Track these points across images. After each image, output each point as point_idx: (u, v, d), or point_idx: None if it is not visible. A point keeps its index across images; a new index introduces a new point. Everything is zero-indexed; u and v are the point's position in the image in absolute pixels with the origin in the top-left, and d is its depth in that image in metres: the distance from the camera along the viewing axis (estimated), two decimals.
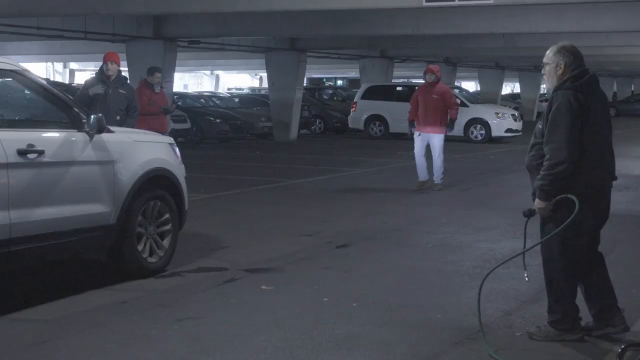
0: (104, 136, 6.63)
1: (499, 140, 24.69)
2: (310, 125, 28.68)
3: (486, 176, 15.42)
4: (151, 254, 7.09)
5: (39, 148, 6.02)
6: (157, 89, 12.04)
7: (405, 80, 41.57)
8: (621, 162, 6.71)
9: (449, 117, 12.94)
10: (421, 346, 5.22)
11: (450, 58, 32.90)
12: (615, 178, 5.26)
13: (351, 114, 26.80)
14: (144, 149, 7.11)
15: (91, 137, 6.51)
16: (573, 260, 5.20)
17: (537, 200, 5.11)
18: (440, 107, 12.73)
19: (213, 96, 31.81)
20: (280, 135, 24.59)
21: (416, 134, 12.93)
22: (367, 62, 29.62)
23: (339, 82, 56.45)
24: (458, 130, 24.73)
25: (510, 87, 64.96)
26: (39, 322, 5.72)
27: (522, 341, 5.35)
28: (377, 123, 26.12)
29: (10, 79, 6.50)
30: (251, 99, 31.49)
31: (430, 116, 12.72)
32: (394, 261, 7.78)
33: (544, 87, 47.71)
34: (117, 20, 19.85)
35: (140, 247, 6.94)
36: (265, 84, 27.94)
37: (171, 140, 7.82)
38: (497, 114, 25.11)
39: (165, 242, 7.24)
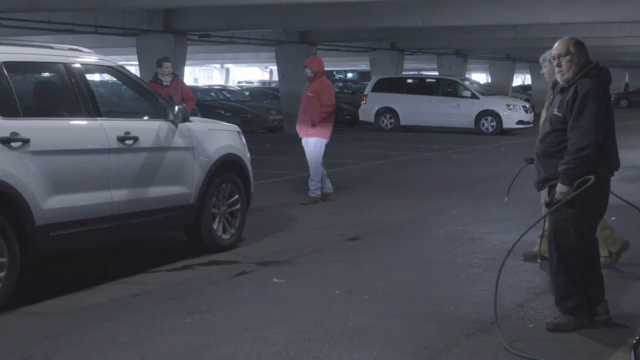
0: (186, 124, 7.35)
1: (510, 132, 24.62)
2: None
3: (497, 168, 15.37)
4: (224, 231, 7.81)
5: (134, 135, 6.73)
6: (167, 81, 11.44)
7: (416, 72, 41.48)
8: (632, 153, 6.68)
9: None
10: (433, 338, 5.22)
11: (461, 50, 32.79)
12: (617, 168, 5.41)
13: (362, 107, 26.76)
14: (218, 136, 7.83)
15: (176, 125, 7.23)
16: (584, 242, 5.29)
17: (559, 185, 5.15)
18: (314, 106, 10.68)
19: (223, 89, 31.81)
20: (291, 129, 24.49)
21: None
22: (377, 54, 29.56)
23: (349, 75, 56.37)
24: (469, 122, 24.77)
25: (521, 79, 64.72)
26: (52, 315, 5.75)
27: (536, 333, 5.34)
28: (388, 115, 26.07)
29: (107, 74, 7.37)
30: (261, 92, 31.49)
31: (301, 116, 10.92)
32: (406, 254, 7.77)
33: None
34: (128, 14, 19.86)
35: (215, 226, 7.64)
36: (275, 77, 27.94)
37: (238, 128, 8.39)
38: (508, 105, 25.03)
39: (236, 221, 7.90)
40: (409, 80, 27.91)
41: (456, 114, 24.93)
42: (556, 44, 5.34)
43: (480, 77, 56.72)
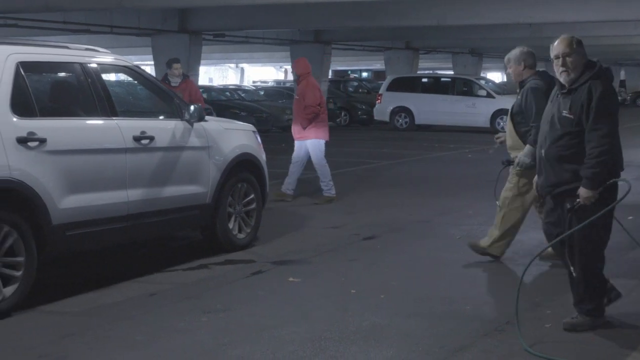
0: (201, 124, 7.36)
1: None
2: (336, 118, 28.62)
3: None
4: (239, 230, 7.81)
5: (150, 134, 6.74)
6: (176, 82, 11.19)
7: (431, 71, 41.40)
8: None
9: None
10: (449, 338, 5.20)
11: (476, 49, 32.70)
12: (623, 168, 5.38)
13: (376, 106, 26.74)
14: (233, 136, 7.84)
15: (191, 125, 7.24)
16: (604, 245, 5.28)
17: (584, 190, 5.04)
18: (301, 109, 10.52)
19: (238, 89, 31.86)
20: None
21: None
22: (392, 53, 29.53)
23: (364, 74, 56.31)
24: (484, 121, 24.68)
25: None
26: (69, 314, 5.77)
27: (552, 332, 5.31)
28: (403, 115, 26.04)
29: (123, 74, 7.41)
30: (276, 92, 31.50)
31: (294, 119, 10.85)
32: (421, 253, 7.76)
33: None
34: (143, 14, 19.94)
35: (230, 225, 7.65)
36: (290, 77, 27.93)
37: (253, 128, 8.38)
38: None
39: (251, 220, 7.92)
40: (424, 80, 27.84)
41: (471, 113, 24.84)
42: (557, 44, 5.20)
43: (496, 76, 56.52)
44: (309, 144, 10.66)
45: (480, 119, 24.70)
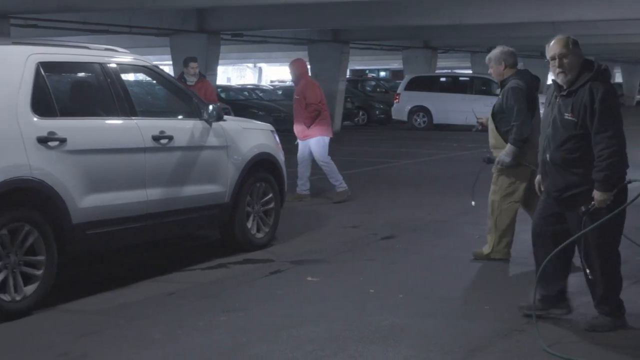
0: (220, 124, 7.38)
1: None
2: (354, 117, 28.62)
3: None
4: (258, 230, 7.84)
5: (169, 134, 6.76)
6: (192, 81, 11.14)
7: (449, 71, 41.26)
8: None
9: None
10: (468, 338, 5.18)
11: (494, 47, 32.53)
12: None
13: (394, 105, 26.69)
14: (251, 135, 7.85)
15: (210, 124, 7.24)
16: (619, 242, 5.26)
17: (599, 193, 4.99)
18: (302, 108, 10.61)
19: (256, 89, 31.91)
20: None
21: None
22: (410, 52, 29.45)
23: (382, 74, 56.25)
24: None
25: None
26: (88, 313, 5.80)
27: (572, 333, 5.28)
28: (421, 114, 25.97)
29: (142, 74, 7.46)
30: (294, 92, 31.46)
31: (295, 119, 10.88)
32: (440, 253, 7.73)
33: None
34: (161, 14, 20.01)
35: (249, 224, 7.67)
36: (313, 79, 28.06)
37: (272, 127, 8.41)
38: (542, 103, 24.75)
39: (270, 220, 7.94)
40: (442, 79, 27.76)
41: (490, 112, 24.70)
42: (553, 44, 5.15)
43: None
44: (313, 142, 10.70)
45: None
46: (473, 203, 7.38)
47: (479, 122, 7.61)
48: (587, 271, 5.21)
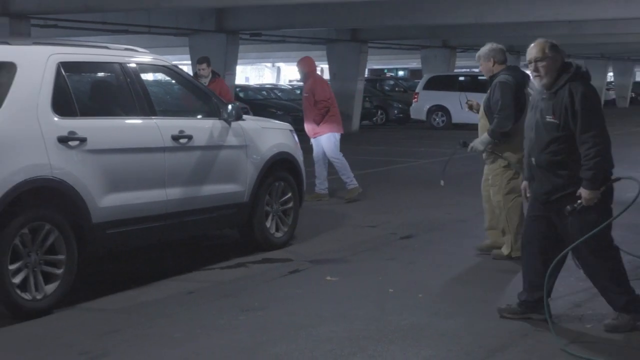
0: (239, 123, 7.39)
1: None
2: (372, 117, 28.59)
3: None
4: (277, 229, 7.84)
5: (188, 134, 6.78)
6: (204, 82, 10.81)
7: (468, 70, 41.10)
8: None
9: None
10: (488, 337, 5.16)
11: (514, 46, 32.38)
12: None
13: (413, 105, 26.63)
14: (270, 135, 7.86)
15: (229, 124, 7.25)
16: (610, 239, 5.27)
17: (586, 191, 5.03)
18: (312, 106, 10.57)
19: (275, 88, 31.96)
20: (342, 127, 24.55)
21: None
22: (428, 52, 29.37)
23: (400, 73, 56.13)
24: None
25: None
26: (109, 311, 5.83)
27: (594, 333, 5.24)
28: (440, 113, 25.91)
29: (162, 74, 7.47)
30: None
31: (305, 117, 10.82)
32: (459, 252, 7.70)
33: (610, 75, 46.63)
34: (180, 14, 20.07)
35: (267, 224, 7.69)
36: (326, 76, 28.05)
37: (290, 127, 8.43)
38: None
39: (289, 219, 7.95)
40: (461, 78, 27.63)
41: None
42: (530, 48, 5.23)
43: None
44: (324, 138, 10.71)
45: None
46: (442, 182, 7.51)
47: (468, 103, 7.70)
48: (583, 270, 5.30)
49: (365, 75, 28.87)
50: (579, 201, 5.06)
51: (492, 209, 7.40)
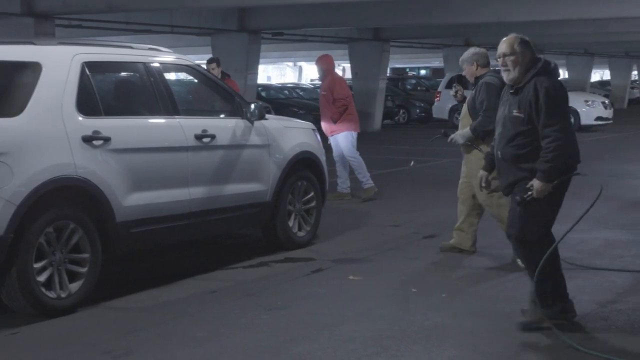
0: (262, 122, 7.40)
1: (588, 128, 24.06)
2: (394, 116, 28.51)
3: None
4: (299, 228, 7.85)
5: (211, 133, 6.80)
6: None
7: (491, 68, 40.91)
8: None
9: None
10: (513, 337, 5.12)
11: (537, 45, 32.06)
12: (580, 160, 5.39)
13: (435, 104, 26.54)
14: (293, 134, 7.87)
15: (252, 123, 7.26)
16: (549, 237, 5.31)
17: (539, 183, 5.08)
18: (330, 104, 10.60)
19: (296, 87, 31.98)
20: (364, 126, 24.50)
21: None
22: (451, 50, 29.27)
23: (422, 72, 55.98)
24: None
25: (599, 74, 63.23)
26: (132, 310, 5.85)
27: (619, 333, 5.19)
28: None
29: (185, 73, 7.53)
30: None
31: (322, 115, 10.81)
32: (483, 252, 7.65)
33: (635, 74, 46.21)
34: (203, 14, 20.13)
35: (290, 223, 7.69)
36: (348, 75, 28.01)
37: (313, 126, 8.44)
38: (586, 101, 24.45)
39: (311, 218, 7.95)
40: None
41: None
42: (500, 43, 5.29)
43: None
44: (341, 137, 10.71)
45: None
46: (412, 163, 7.56)
47: (457, 89, 7.78)
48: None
49: (387, 74, 28.79)
50: (529, 192, 5.12)
51: (468, 211, 7.49)
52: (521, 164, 5.20)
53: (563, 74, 51.77)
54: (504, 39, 5.31)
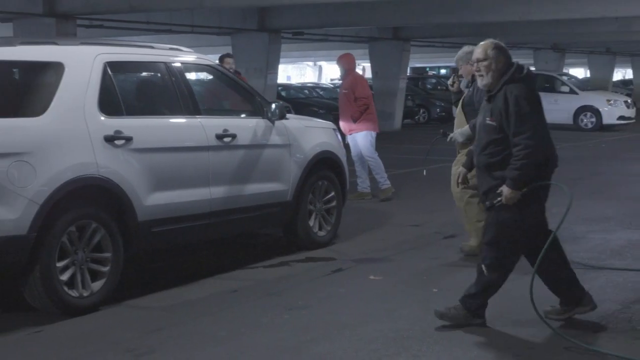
0: (282, 122, 7.40)
1: (610, 128, 23.90)
2: (414, 115, 28.43)
3: (598, 165, 14.94)
4: (320, 228, 7.83)
5: (232, 132, 6.80)
6: None
7: None
8: None
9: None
10: (536, 338, 5.10)
11: (559, 44, 32.01)
12: (557, 165, 5.36)
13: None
14: (314, 134, 7.86)
15: (273, 122, 7.26)
16: (528, 242, 5.29)
17: (507, 190, 5.06)
18: (350, 103, 10.59)
19: (316, 87, 31.96)
20: (384, 125, 24.45)
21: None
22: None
23: (443, 71, 55.76)
24: (567, 118, 24.15)
25: (621, 73, 62.74)
26: (154, 309, 5.87)
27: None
28: None
29: (206, 73, 7.61)
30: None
31: (342, 114, 10.84)
32: None
33: None
34: (223, 13, 20.17)
35: (311, 223, 7.69)
36: (368, 74, 27.98)
37: (334, 125, 8.44)
38: (608, 101, 24.29)
39: (332, 218, 7.95)
40: None
41: (554, 109, 24.24)
42: (475, 49, 5.30)
43: (578, 72, 55.30)
44: (360, 136, 10.69)
45: (562, 115, 24.16)
46: (425, 172, 7.53)
47: (454, 81, 7.92)
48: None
49: (407, 74, 28.72)
50: (498, 198, 5.11)
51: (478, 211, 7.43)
52: (494, 172, 5.19)
53: (585, 72, 51.45)
54: (479, 44, 5.31)
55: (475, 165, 5.40)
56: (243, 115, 7.46)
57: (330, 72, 58.69)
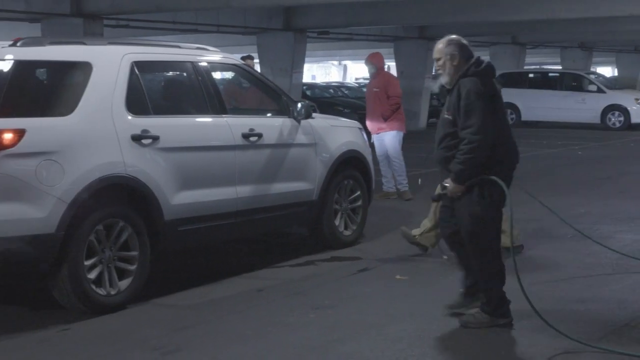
0: (308, 121, 7.39)
1: (638, 127, 23.66)
2: (439, 115, 28.29)
3: (626, 164, 14.80)
4: (345, 227, 7.83)
5: (258, 132, 6.81)
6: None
7: (538, 66, 40.44)
8: None
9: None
10: (562, 339, 5.04)
11: (586, 42, 31.73)
12: (518, 161, 5.37)
13: None
14: (339, 133, 7.85)
15: (299, 122, 7.26)
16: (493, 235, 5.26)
17: (453, 184, 5.12)
18: (382, 101, 10.54)
19: (341, 86, 31.91)
20: (409, 124, 24.28)
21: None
22: (497, 48, 28.97)
23: None
24: (594, 117, 23.96)
25: None
26: (181, 307, 5.90)
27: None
28: (509, 111, 25.44)
29: (232, 72, 7.68)
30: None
31: (370, 113, 10.77)
32: (532, 252, 7.57)
33: None
34: (249, 13, 20.21)
35: (336, 222, 7.68)
36: (393, 73, 27.91)
37: (359, 125, 8.43)
38: (637, 99, 24.07)
39: (357, 217, 7.93)
40: (531, 75, 27.19)
41: (581, 109, 24.16)
42: (435, 45, 5.34)
43: (606, 71, 54.79)
44: (389, 136, 10.64)
45: (590, 114, 24.01)
46: (420, 181, 7.49)
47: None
48: (445, 257, 5.56)
49: (433, 73, 28.61)
50: (444, 191, 5.17)
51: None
52: (449, 165, 5.20)
53: (612, 71, 50.84)
54: (438, 42, 5.35)
55: (434, 159, 5.43)
56: (269, 115, 7.46)
57: (355, 71, 58.63)
